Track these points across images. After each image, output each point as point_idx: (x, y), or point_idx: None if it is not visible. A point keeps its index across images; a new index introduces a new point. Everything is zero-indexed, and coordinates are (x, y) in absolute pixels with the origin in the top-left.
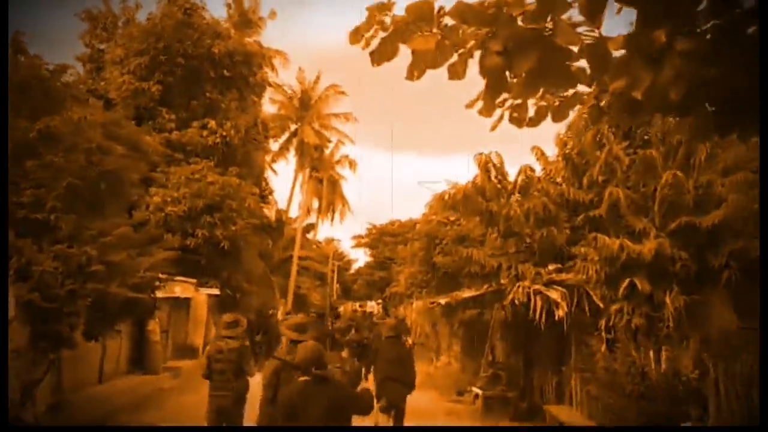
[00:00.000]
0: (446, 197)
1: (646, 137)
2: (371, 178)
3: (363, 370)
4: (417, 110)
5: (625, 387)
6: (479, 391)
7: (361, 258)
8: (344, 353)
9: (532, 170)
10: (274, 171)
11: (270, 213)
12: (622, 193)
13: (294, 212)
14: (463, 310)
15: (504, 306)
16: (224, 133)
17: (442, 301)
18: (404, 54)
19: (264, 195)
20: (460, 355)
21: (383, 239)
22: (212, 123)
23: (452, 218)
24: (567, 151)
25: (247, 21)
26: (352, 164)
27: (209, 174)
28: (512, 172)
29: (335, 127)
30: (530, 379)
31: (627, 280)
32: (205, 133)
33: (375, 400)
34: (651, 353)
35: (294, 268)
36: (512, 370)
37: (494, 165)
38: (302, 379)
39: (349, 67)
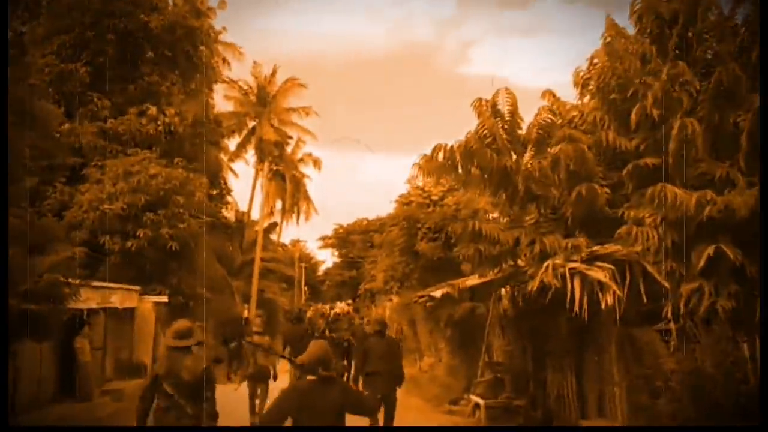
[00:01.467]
0: (440, 155)
1: (709, 54)
2: (336, 178)
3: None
4: (382, 109)
5: (718, 395)
6: (479, 400)
7: (328, 259)
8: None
9: (554, 113)
10: (234, 172)
11: (229, 214)
12: (698, 126)
13: (256, 214)
14: (452, 304)
15: (513, 294)
16: (167, 121)
17: (438, 293)
18: None
19: (222, 194)
20: (448, 356)
21: (350, 238)
22: (152, 109)
23: (436, 196)
24: (600, 84)
25: (194, 10)
26: (316, 162)
27: (151, 166)
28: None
29: (295, 123)
30: (541, 382)
31: (710, 248)
32: (144, 120)
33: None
34: (745, 347)
35: (256, 271)
36: (517, 373)
37: (507, 107)
38: (309, 378)
39: (312, 71)
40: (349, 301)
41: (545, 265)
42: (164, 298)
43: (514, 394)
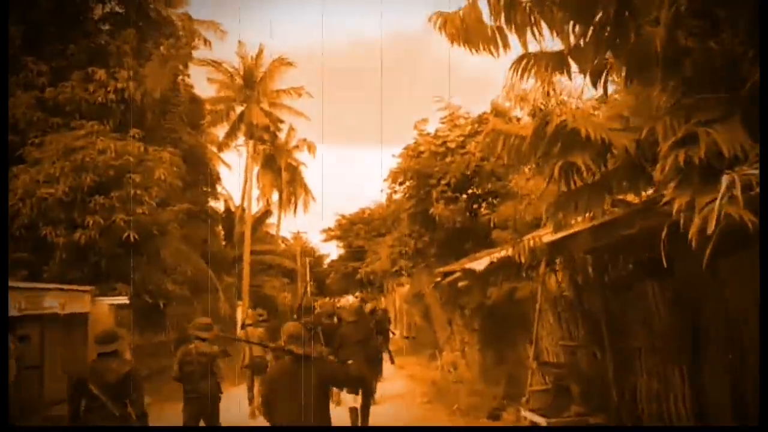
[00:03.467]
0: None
1: None
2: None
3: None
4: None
5: None
6: (539, 419)
7: (333, 252)
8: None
9: None
10: (225, 164)
11: (217, 204)
12: None
13: (254, 208)
14: (482, 286)
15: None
16: (119, 86)
17: (479, 266)
18: None
19: (209, 183)
20: (477, 354)
21: (354, 229)
22: (100, 72)
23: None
24: None
25: None
26: (311, 148)
27: (99, 140)
28: None
29: (286, 105)
30: (630, 391)
31: None
32: (91, 87)
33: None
34: None
35: (246, 265)
36: (589, 378)
37: None
38: (285, 359)
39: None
40: (357, 294)
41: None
42: (123, 299)
43: (588, 409)
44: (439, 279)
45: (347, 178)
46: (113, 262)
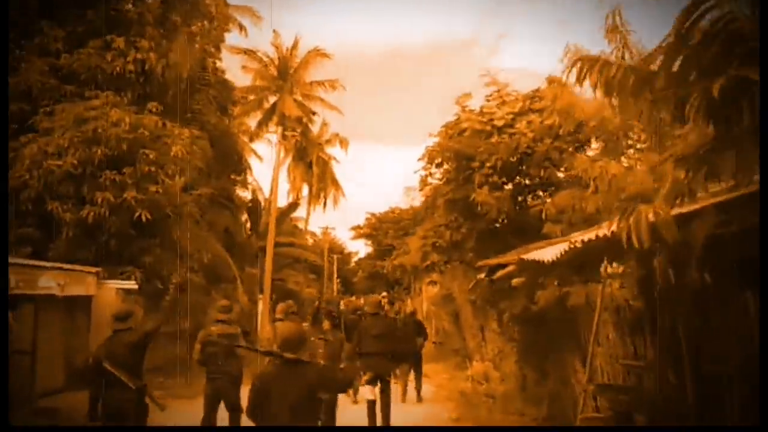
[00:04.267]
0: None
1: None
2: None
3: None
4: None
5: None
6: None
7: (361, 250)
8: (325, 325)
9: None
10: (257, 155)
11: (245, 193)
12: None
13: (283, 201)
14: (531, 287)
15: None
16: (140, 57)
17: (546, 256)
18: None
19: (238, 172)
20: (513, 365)
21: (383, 227)
22: (119, 41)
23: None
24: None
25: None
26: (343, 143)
27: (113, 111)
28: None
29: (319, 97)
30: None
31: None
32: (108, 55)
33: (360, 374)
34: None
35: (269, 256)
36: (664, 404)
37: None
38: (274, 363)
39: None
40: (384, 294)
41: None
42: (132, 284)
43: None
44: (482, 275)
45: (378, 176)
46: (123, 243)
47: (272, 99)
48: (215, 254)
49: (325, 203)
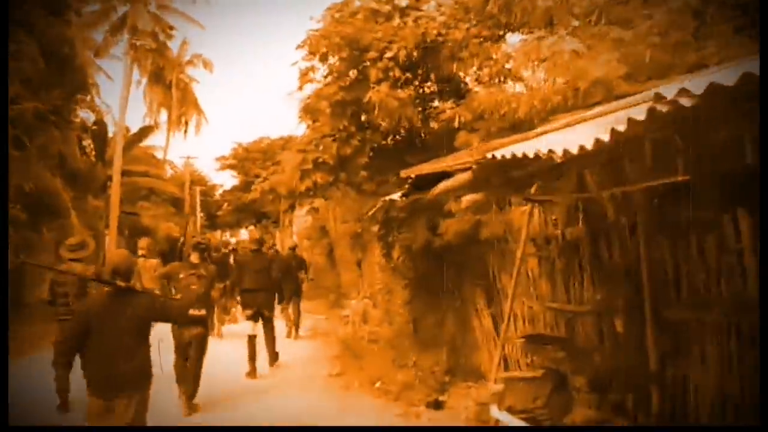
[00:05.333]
0: None
1: None
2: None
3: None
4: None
5: None
6: (521, 424)
7: (227, 182)
8: (194, 257)
9: None
10: (107, 74)
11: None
12: None
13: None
14: (427, 212)
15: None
16: None
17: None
18: None
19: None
20: (403, 309)
21: (251, 157)
22: None
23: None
24: None
25: None
26: (207, 64)
27: None
28: None
29: (177, 10)
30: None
31: None
32: None
33: (242, 309)
34: None
35: (116, 185)
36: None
37: None
38: (104, 290)
39: None
40: (251, 227)
41: None
42: None
43: (605, 412)
44: (387, 198)
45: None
46: None
47: (121, 9)
48: (41, 184)
49: (186, 129)
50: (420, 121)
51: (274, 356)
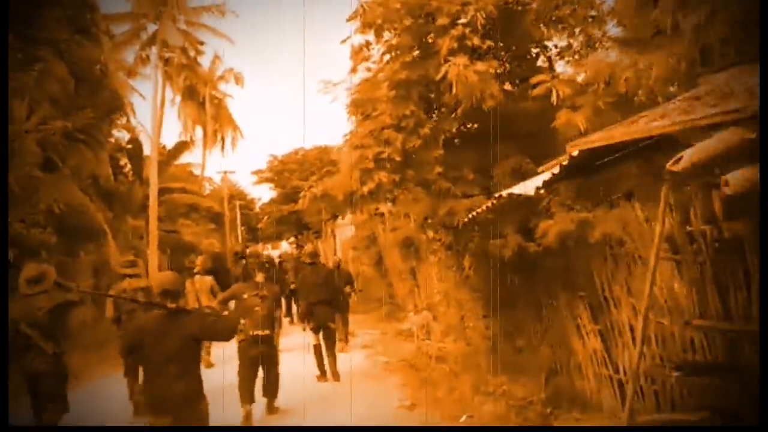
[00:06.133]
0: None
1: None
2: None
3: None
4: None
5: None
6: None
7: (265, 195)
8: (259, 278)
9: None
10: (140, 94)
11: (120, 133)
12: None
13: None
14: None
15: None
16: None
17: None
18: None
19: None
20: (482, 324)
21: (288, 168)
22: None
23: None
24: None
25: None
26: (238, 79)
27: None
28: None
29: (206, 25)
30: None
31: None
32: None
33: (304, 322)
34: None
35: (153, 203)
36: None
37: None
38: (154, 312)
39: None
40: (292, 239)
41: None
42: None
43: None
44: (547, 178)
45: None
46: None
47: (151, 27)
48: (71, 204)
49: (223, 146)
50: (506, 98)
51: (336, 374)
